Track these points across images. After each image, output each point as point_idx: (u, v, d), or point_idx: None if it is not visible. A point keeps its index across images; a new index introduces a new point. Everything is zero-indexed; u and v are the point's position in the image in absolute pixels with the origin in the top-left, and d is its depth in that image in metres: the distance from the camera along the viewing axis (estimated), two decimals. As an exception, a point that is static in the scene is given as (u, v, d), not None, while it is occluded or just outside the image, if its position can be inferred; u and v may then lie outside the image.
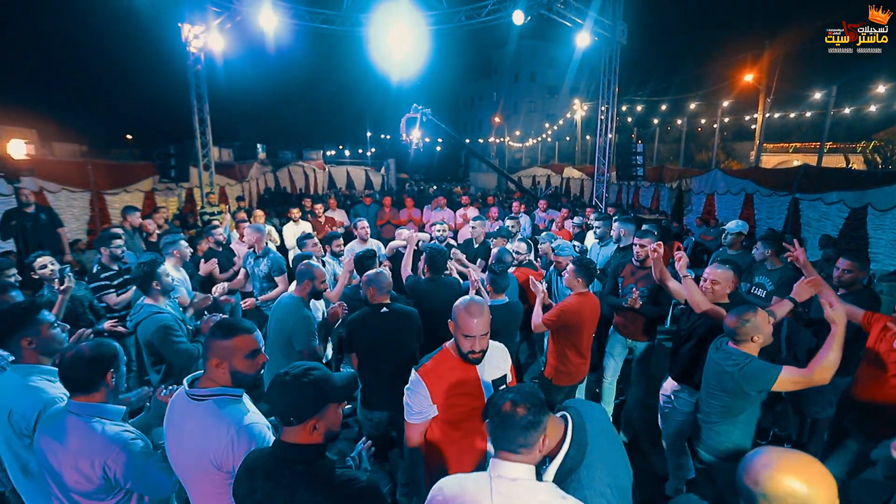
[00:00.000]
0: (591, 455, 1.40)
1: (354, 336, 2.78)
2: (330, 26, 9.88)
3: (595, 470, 1.37)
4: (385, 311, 2.75)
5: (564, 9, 8.85)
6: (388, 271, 2.97)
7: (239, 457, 1.46)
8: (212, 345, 1.56)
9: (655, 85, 21.30)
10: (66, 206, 7.32)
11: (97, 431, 1.58)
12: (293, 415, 1.30)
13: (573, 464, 1.39)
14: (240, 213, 6.49)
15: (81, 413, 1.61)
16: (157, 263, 2.84)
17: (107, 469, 1.55)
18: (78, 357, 1.63)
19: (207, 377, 1.58)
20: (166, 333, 2.63)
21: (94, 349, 1.66)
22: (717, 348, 2.36)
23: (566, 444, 1.42)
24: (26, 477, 1.85)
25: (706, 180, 10.57)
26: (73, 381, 1.63)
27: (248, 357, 1.59)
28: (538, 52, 40.39)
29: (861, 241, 6.33)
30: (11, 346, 1.89)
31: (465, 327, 1.86)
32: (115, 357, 1.71)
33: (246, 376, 1.60)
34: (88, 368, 1.62)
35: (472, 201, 9.72)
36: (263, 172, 16.81)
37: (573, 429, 1.45)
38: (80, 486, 1.57)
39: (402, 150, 12.34)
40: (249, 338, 1.60)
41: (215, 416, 1.51)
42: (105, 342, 1.72)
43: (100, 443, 1.56)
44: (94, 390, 1.64)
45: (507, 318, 3.04)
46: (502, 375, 2.03)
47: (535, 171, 22.02)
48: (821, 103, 12.61)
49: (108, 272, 3.80)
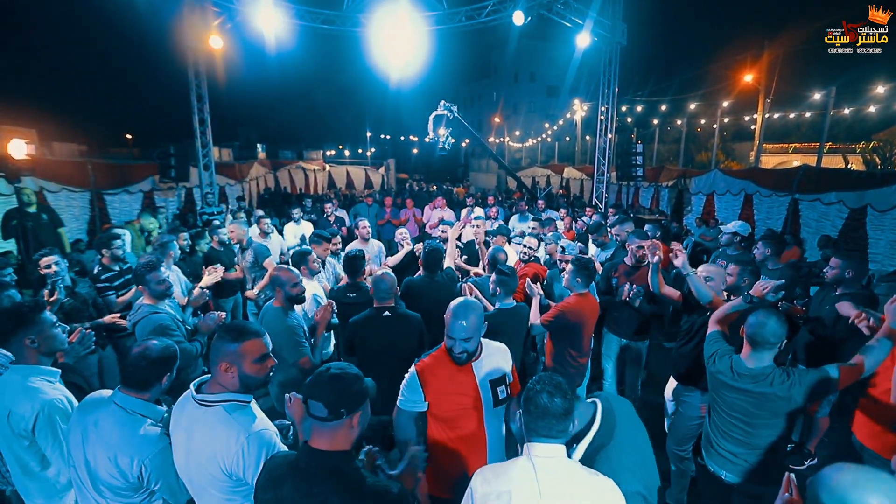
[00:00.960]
0: (620, 436, 1.51)
1: (356, 338, 2.77)
2: (330, 26, 9.88)
3: (624, 449, 1.48)
4: (387, 315, 2.72)
5: (564, 9, 8.86)
6: (390, 274, 2.87)
7: (250, 464, 1.46)
8: (220, 349, 1.55)
9: (655, 85, 21.29)
10: (66, 205, 7.32)
11: (140, 430, 1.60)
12: (344, 405, 1.29)
13: (603, 441, 1.50)
14: (239, 212, 6.50)
15: (127, 407, 1.63)
16: (157, 264, 2.85)
17: (143, 469, 1.57)
18: (144, 356, 1.66)
19: (215, 381, 1.57)
20: (163, 333, 2.64)
21: (162, 350, 1.71)
22: (737, 375, 2.11)
23: (596, 424, 1.53)
24: (27, 477, 1.85)
25: (706, 181, 10.57)
26: (134, 378, 1.66)
27: (256, 361, 1.58)
28: (538, 53, 40.33)
29: (860, 241, 6.34)
30: (14, 346, 1.89)
31: (448, 328, 1.90)
32: (176, 360, 1.77)
33: (255, 380, 1.60)
34: (153, 368, 1.67)
35: (474, 202, 9.72)
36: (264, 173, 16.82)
37: (602, 412, 1.56)
38: (112, 481, 1.58)
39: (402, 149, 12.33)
40: (258, 342, 1.60)
41: (225, 422, 1.50)
42: (169, 344, 1.76)
43: (142, 442, 1.59)
44: (149, 389, 1.68)
45: (516, 322, 2.99)
46: (502, 376, 2.00)
47: (535, 171, 22.01)
48: (820, 104, 12.62)
49: (108, 273, 3.80)
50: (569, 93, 33.85)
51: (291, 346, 2.69)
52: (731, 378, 2.12)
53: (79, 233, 7.41)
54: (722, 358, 2.20)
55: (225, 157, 17.27)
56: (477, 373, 1.96)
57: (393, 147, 43.08)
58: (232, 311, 5.12)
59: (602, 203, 10.15)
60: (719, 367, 2.18)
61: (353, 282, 3.32)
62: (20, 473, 1.85)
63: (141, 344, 1.72)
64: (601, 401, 1.59)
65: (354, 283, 3.31)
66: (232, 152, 19.84)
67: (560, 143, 24.16)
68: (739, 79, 14.02)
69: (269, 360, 1.64)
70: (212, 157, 10.16)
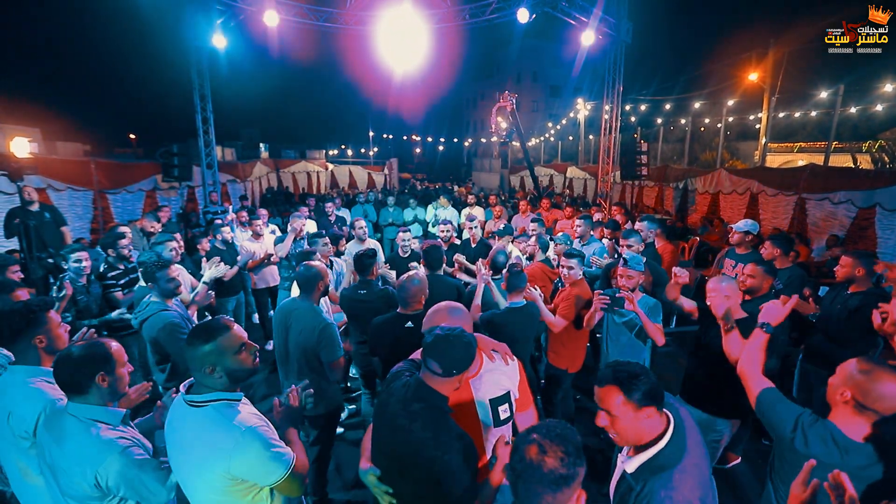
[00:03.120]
0: (687, 460, 1.33)
1: (376, 340, 2.71)
2: (333, 25, 9.86)
3: (687, 476, 1.30)
4: (409, 326, 2.57)
5: (569, 7, 8.79)
6: (416, 280, 2.67)
7: (244, 461, 1.44)
8: (195, 355, 1.50)
9: (659, 84, 21.21)
10: (69, 204, 7.33)
11: (91, 436, 1.54)
12: (456, 367, 1.51)
13: (666, 462, 1.33)
14: (241, 212, 6.49)
15: (78, 415, 1.58)
16: (168, 262, 2.84)
17: (98, 477, 1.51)
18: (66, 357, 1.58)
19: (200, 384, 1.54)
20: (173, 331, 2.62)
21: (84, 349, 1.60)
22: (844, 452, 1.47)
23: (664, 441, 1.36)
24: (26, 480, 1.82)
25: (711, 180, 10.51)
26: (62, 382, 1.59)
27: (237, 353, 1.55)
28: (541, 52, 40.22)
29: (869, 240, 6.28)
30: (23, 344, 1.87)
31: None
32: (106, 359, 1.62)
33: (243, 370, 1.57)
34: (76, 369, 1.57)
35: (476, 202, 9.68)
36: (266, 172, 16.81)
37: (675, 428, 1.38)
38: (73, 490, 1.54)
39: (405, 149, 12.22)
40: (231, 334, 1.55)
41: (216, 421, 1.48)
42: (98, 343, 1.65)
43: (92, 449, 1.53)
44: (85, 392, 1.59)
45: (525, 322, 2.96)
46: (504, 394, 1.82)
47: (539, 170, 21.94)
48: (827, 102, 12.53)
49: (114, 271, 3.81)
50: (572, 92, 33.76)
51: (331, 347, 2.61)
52: (832, 457, 1.48)
53: (82, 232, 7.42)
54: (812, 428, 1.55)
55: (228, 156, 17.26)
56: (476, 390, 1.78)
57: (396, 146, 43.08)
58: (234, 310, 5.11)
59: (606, 203, 10.09)
60: (813, 446, 1.52)
61: (363, 279, 3.31)
62: (19, 476, 1.82)
63: (66, 348, 1.67)
64: (673, 414, 1.42)
65: (365, 281, 3.30)
66: (235, 152, 19.84)
67: (563, 142, 24.11)
68: (744, 77, 13.93)
69: (249, 344, 1.60)
70: (215, 157, 10.16)
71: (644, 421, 1.35)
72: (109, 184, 8.27)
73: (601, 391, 1.40)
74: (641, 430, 1.37)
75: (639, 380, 1.34)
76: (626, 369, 1.37)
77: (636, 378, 1.35)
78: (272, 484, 1.52)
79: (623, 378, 1.35)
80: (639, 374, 1.36)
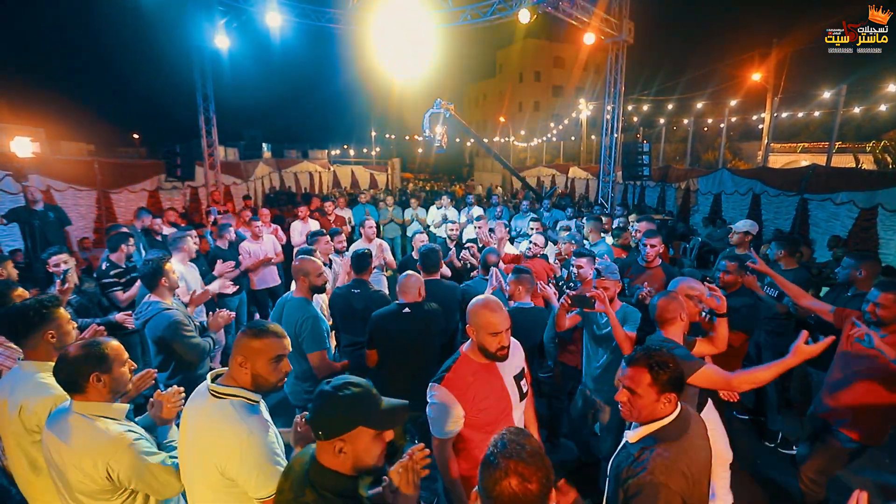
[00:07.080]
0: (686, 440, 1.51)
1: (376, 333, 2.78)
2: (335, 25, 9.88)
3: (683, 453, 1.47)
4: (407, 312, 2.73)
5: (571, 7, 8.79)
6: (415, 275, 2.88)
7: (243, 466, 1.44)
8: (240, 343, 1.57)
9: (661, 84, 21.17)
10: (72, 204, 7.36)
11: (99, 430, 1.56)
12: (321, 428, 1.23)
13: (667, 436, 1.50)
14: (245, 211, 6.51)
15: (83, 412, 1.59)
16: (164, 260, 2.84)
17: (109, 470, 1.53)
18: (63, 357, 1.59)
19: (230, 375, 1.58)
20: (178, 329, 2.63)
21: (78, 349, 1.61)
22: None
23: (669, 419, 1.52)
24: (34, 473, 1.84)
25: (713, 180, 10.48)
26: (62, 382, 1.61)
27: (272, 361, 1.57)
28: (543, 52, 40.23)
29: (871, 242, 6.26)
30: (35, 340, 1.90)
31: (490, 325, 1.80)
32: (101, 359, 1.61)
33: (267, 382, 1.58)
34: (72, 369, 1.58)
35: (477, 201, 9.70)
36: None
37: (682, 410, 1.55)
38: (83, 486, 1.55)
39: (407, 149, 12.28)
40: (278, 342, 1.60)
41: (229, 418, 1.48)
42: (94, 343, 1.65)
43: (102, 442, 1.54)
44: (83, 391, 1.59)
45: (531, 322, 2.96)
46: (520, 370, 1.98)
47: (541, 170, 21.92)
48: (830, 103, 12.48)
49: (116, 269, 3.83)
50: (574, 92, 33.74)
51: (311, 337, 2.68)
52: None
53: (85, 231, 7.46)
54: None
55: (231, 156, 17.31)
56: (502, 371, 1.90)
57: (398, 146, 43.04)
58: (237, 309, 5.13)
59: (608, 203, 10.08)
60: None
61: (358, 279, 3.33)
62: (28, 470, 1.84)
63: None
64: (683, 406, 1.58)
65: (360, 281, 3.32)
66: (238, 152, 19.89)
67: (565, 142, 24.08)
68: (747, 77, 13.90)
69: (285, 362, 1.62)
70: (217, 156, 10.20)
71: (661, 404, 1.51)
72: (113, 184, 8.31)
73: (631, 370, 1.54)
74: (656, 410, 1.52)
75: (668, 367, 1.50)
76: (658, 355, 1.53)
77: (666, 366, 1.50)
78: (261, 498, 1.46)
79: (654, 363, 1.51)
80: (669, 362, 1.52)
